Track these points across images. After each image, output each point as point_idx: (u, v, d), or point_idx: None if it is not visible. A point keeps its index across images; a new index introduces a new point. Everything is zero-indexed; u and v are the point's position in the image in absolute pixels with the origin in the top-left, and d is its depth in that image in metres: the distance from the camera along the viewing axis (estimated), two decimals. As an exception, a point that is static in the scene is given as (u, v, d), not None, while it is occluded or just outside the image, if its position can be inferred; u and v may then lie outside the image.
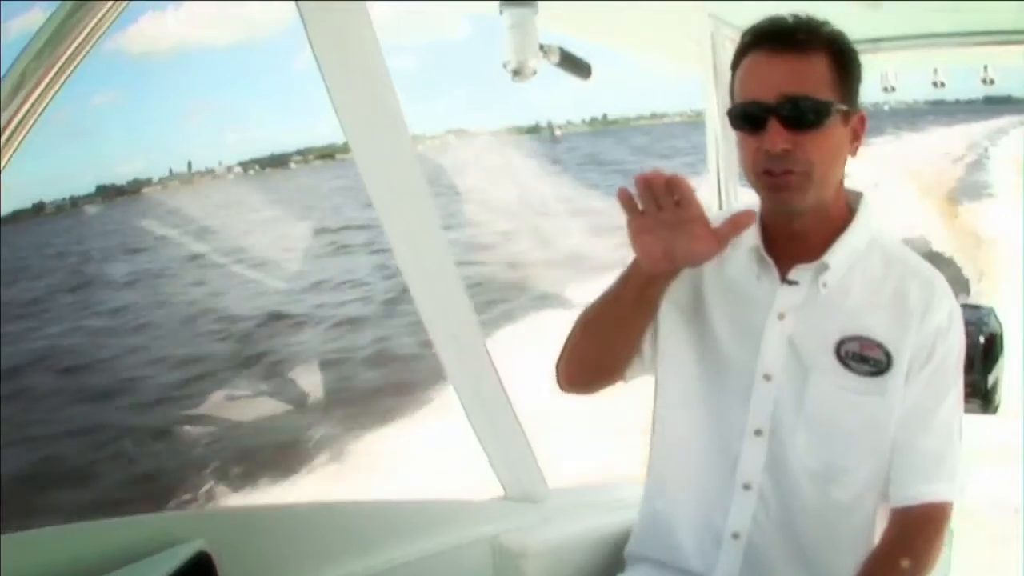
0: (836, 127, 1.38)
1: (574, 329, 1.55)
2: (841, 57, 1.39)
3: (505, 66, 1.83)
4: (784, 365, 1.47)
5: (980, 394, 3.94)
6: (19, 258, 30.96)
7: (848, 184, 1.50)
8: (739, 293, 1.52)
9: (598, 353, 1.57)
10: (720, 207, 2.65)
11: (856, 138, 1.43)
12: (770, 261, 1.49)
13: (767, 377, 1.48)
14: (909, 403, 1.45)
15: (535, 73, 1.84)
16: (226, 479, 9.15)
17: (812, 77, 1.36)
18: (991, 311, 4.24)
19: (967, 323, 4.24)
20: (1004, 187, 23.10)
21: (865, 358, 1.43)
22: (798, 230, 1.46)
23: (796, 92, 1.34)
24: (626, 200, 1.29)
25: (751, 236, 1.49)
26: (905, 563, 1.42)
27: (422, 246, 1.83)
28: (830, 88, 1.37)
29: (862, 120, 1.44)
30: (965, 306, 4.29)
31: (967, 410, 3.91)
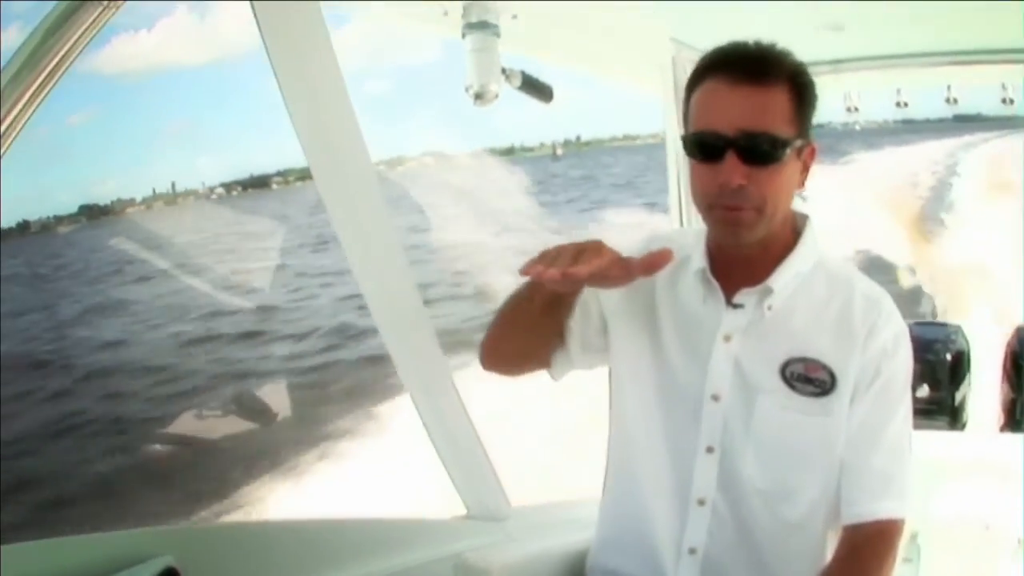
0: (791, 161, 1.39)
1: (494, 318, 1.57)
2: (801, 91, 1.39)
3: (467, 90, 1.85)
4: (731, 386, 1.48)
5: (947, 411, 4.00)
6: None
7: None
8: (687, 314, 1.53)
9: (513, 345, 1.59)
10: (681, 225, 2.69)
11: (806, 169, 1.44)
12: (716, 284, 1.50)
13: (715, 397, 1.49)
14: (856, 423, 1.46)
15: (497, 97, 1.86)
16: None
17: (772, 112, 1.35)
18: (958, 329, 4.30)
19: (935, 341, 4.29)
20: (972, 202, 23.30)
21: (810, 379, 1.45)
22: (744, 255, 1.48)
23: (756, 128, 1.34)
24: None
25: (698, 259, 1.51)
26: None
27: (383, 269, 1.85)
28: (788, 123, 1.37)
29: (812, 152, 1.44)
30: (933, 324, 4.35)
31: (935, 427, 3.93)
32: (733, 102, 1.35)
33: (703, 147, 1.38)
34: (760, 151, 1.34)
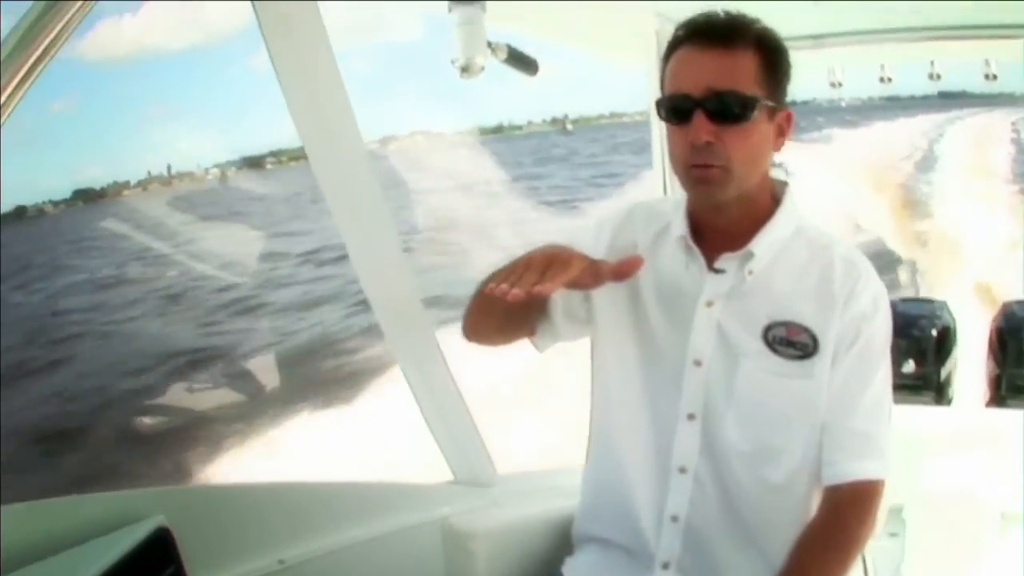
0: (761, 122, 1.41)
1: (473, 295, 1.56)
2: (769, 54, 1.42)
3: (454, 63, 1.87)
4: (714, 351, 1.50)
5: (934, 386, 3.97)
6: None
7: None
8: (669, 281, 1.55)
9: (494, 322, 1.59)
10: (665, 194, 2.72)
11: (782, 134, 1.47)
12: (697, 250, 1.52)
13: (697, 363, 1.51)
14: (836, 385, 1.48)
15: (483, 70, 1.87)
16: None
17: (738, 72, 1.39)
18: (944, 304, 4.29)
19: (920, 317, 4.28)
20: (953, 180, 23.33)
21: (792, 342, 1.47)
22: (724, 220, 1.50)
23: (722, 86, 1.37)
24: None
25: (678, 226, 1.53)
26: (838, 539, 1.45)
27: (374, 241, 1.86)
28: (756, 84, 1.40)
29: (789, 117, 1.47)
30: (919, 300, 4.32)
31: (921, 402, 3.92)
32: (701, 65, 1.40)
33: (674, 110, 1.42)
34: (726, 108, 1.38)
